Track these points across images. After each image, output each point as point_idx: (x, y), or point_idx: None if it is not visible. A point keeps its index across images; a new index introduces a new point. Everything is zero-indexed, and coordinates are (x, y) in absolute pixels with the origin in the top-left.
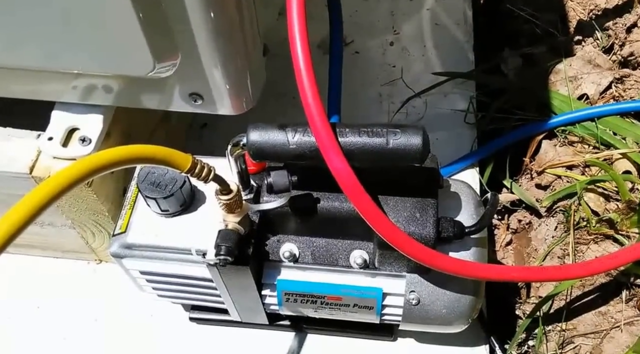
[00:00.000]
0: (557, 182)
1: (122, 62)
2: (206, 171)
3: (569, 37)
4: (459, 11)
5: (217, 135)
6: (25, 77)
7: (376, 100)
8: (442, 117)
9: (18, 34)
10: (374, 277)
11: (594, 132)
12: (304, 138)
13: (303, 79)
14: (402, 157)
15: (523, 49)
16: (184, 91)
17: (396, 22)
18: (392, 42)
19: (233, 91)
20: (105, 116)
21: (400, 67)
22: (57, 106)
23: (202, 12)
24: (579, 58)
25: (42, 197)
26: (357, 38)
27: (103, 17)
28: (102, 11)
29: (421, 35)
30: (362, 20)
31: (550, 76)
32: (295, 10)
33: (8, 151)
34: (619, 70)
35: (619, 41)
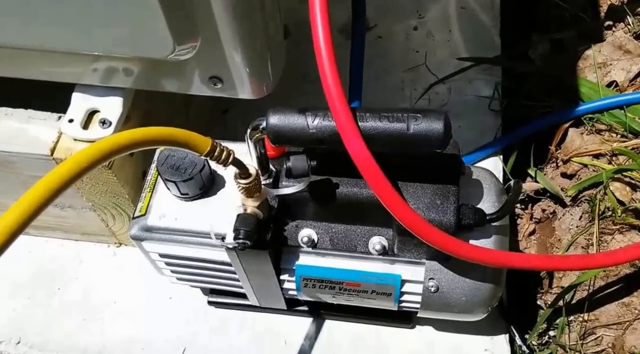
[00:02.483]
0: (583, 171)
1: (142, 43)
2: (225, 154)
3: (599, 22)
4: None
5: (237, 121)
6: (46, 59)
7: (398, 86)
8: (466, 104)
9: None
10: (393, 263)
11: (622, 121)
12: (324, 122)
13: (324, 62)
14: (423, 142)
15: (552, 34)
16: (203, 74)
17: (421, 6)
18: (416, 27)
19: (253, 74)
20: (125, 99)
21: (424, 53)
22: (78, 88)
23: None
24: (609, 44)
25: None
26: (380, 22)
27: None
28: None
29: (447, 19)
30: (387, 3)
31: (578, 62)
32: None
33: (29, 132)
34: None
35: None
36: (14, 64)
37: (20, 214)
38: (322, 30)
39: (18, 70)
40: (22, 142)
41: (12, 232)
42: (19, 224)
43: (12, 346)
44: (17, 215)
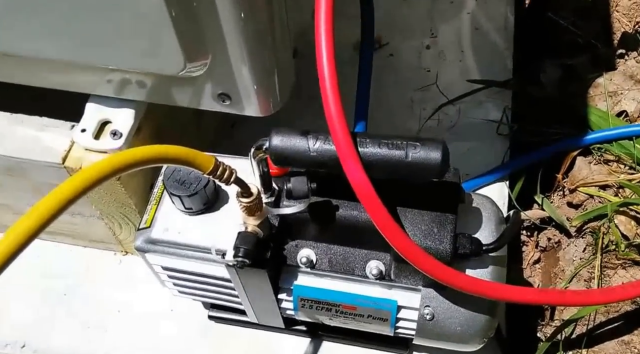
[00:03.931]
0: (589, 201)
1: (154, 60)
2: (228, 173)
3: (612, 50)
4: (500, 16)
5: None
6: (61, 69)
7: (408, 105)
8: (475, 126)
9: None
10: (390, 289)
11: (631, 152)
12: (325, 146)
13: (326, 87)
14: (420, 171)
15: (563, 60)
16: (213, 90)
17: (434, 25)
18: (428, 46)
19: (261, 92)
20: (137, 111)
21: (435, 72)
22: (92, 98)
23: (233, 12)
24: (621, 73)
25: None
26: (392, 40)
27: (136, 16)
28: (136, 10)
29: (459, 39)
30: (400, 21)
31: (589, 90)
32: (322, 17)
33: (43, 140)
34: None
35: None
36: (30, 72)
37: (29, 224)
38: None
39: (34, 78)
40: (36, 150)
41: (23, 241)
42: (29, 234)
43: (17, 349)
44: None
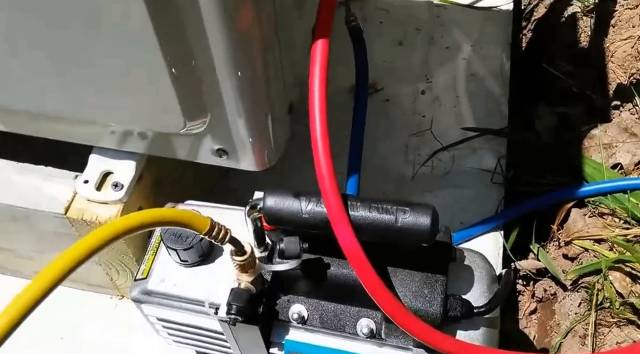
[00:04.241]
0: (584, 255)
1: (155, 119)
2: (222, 233)
3: (607, 101)
4: (496, 62)
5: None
6: (66, 122)
7: (402, 150)
8: (469, 174)
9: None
10: (380, 347)
11: (626, 206)
12: (317, 208)
13: (319, 152)
14: (409, 236)
15: (559, 107)
16: (210, 146)
17: (430, 70)
18: (423, 91)
19: (257, 148)
20: (138, 163)
21: (430, 118)
22: (95, 149)
23: (230, 71)
24: (615, 125)
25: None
26: (388, 85)
27: (137, 77)
28: (137, 72)
29: (454, 85)
30: (396, 66)
31: (584, 141)
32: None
33: (47, 190)
34: None
35: None
36: (36, 124)
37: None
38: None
39: (40, 130)
40: (40, 200)
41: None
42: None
43: None
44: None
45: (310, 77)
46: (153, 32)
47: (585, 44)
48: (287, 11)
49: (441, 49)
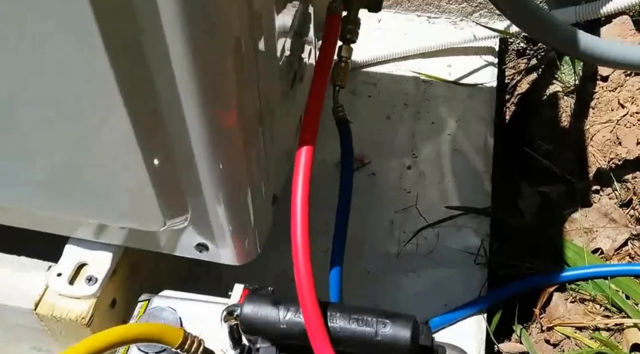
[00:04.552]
0: (566, 341)
1: (134, 218)
2: (196, 345)
3: (587, 184)
4: (480, 138)
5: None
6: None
7: (387, 227)
8: (453, 253)
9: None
10: None
11: (606, 293)
12: (295, 318)
13: (299, 261)
14: (389, 350)
15: (541, 187)
16: (189, 241)
17: (416, 145)
18: (409, 166)
19: (238, 243)
20: (114, 254)
21: (415, 193)
22: (71, 240)
23: (211, 164)
24: (596, 210)
25: None
26: (375, 159)
27: (114, 175)
28: (113, 169)
29: (440, 160)
30: (383, 140)
31: (565, 224)
32: (299, 198)
33: (18, 283)
34: (636, 227)
35: (638, 197)
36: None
37: None
38: (300, 233)
39: (13, 220)
40: (9, 294)
41: None
42: None
43: None
44: None
45: (294, 186)
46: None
47: (566, 123)
48: (274, 102)
49: (427, 124)
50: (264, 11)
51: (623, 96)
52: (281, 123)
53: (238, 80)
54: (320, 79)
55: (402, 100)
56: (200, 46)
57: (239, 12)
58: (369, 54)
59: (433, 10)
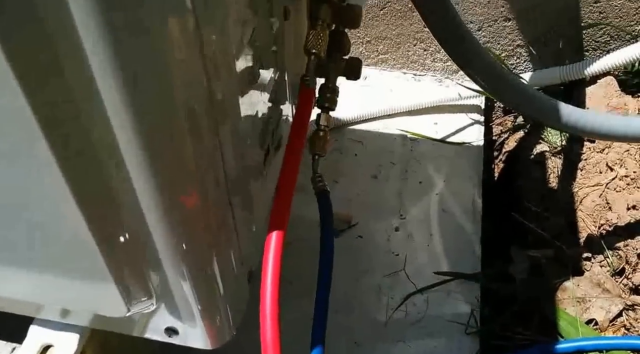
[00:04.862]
0: None
1: (97, 305)
2: None
3: (577, 251)
4: (468, 198)
5: None
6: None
7: (375, 292)
8: (443, 321)
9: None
10: None
11: None
12: None
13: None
14: None
15: (531, 250)
16: (159, 324)
17: (403, 205)
18: (397, 228)
19: (209, 327)
20: (81, 336)
21: (404, 256)
22: (36, 321)
23: (171, 244)
24: (587, 279)
25: None
26: (362, 220)
27: (71, 264)
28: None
29: (428, 221)
30: (369, 200)
31: (557, 292)
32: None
33: None
34: (630, 297)
35: (631, 266)
36: None
37: None
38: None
39: None
40: None
41: None
42: None
43: None
44: None
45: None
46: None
47: (554, 185)
48: (245, 175)
49: (414, 184)
50: (226, 91)
51: (611, 158)
52: (257, 194)
53: (197, 165)
54: (291, 162)
55: (389, 158)
56: (151, 136)
57: (195, 95)
58: (355, 111)
59: (418, 68)
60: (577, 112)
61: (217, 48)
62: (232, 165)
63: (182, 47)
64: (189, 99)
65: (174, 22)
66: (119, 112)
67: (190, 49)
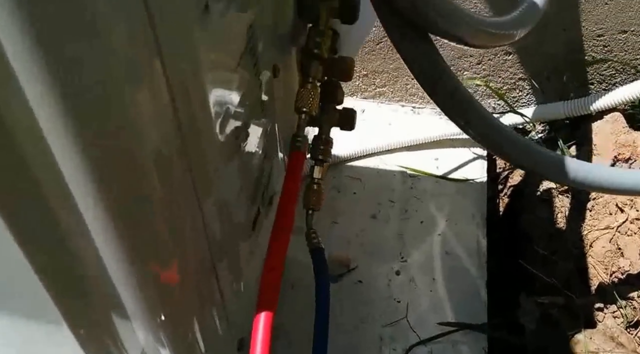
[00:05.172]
0: None
1: None
2: None
3: (588, 300)
4: (472, 238)
5: None
6: None
7: (376, 343)
8: None
9: None
10: None
11: None
12: None
13: None
14: None
15: (540, 298)
16: None
17: (404, 247)
18: (398, 272)
19: None
20: None
21: (405, 303)
22: None
23: (148, 322)
24: (600, 332)
25: None
26: (362, 263)
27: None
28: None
29: (430, 264)
30: (369, 241)
31: (570, 344)
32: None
33: None
34: None
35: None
36: None
37: None
38: None
39: None
40: None
41: None
42: None
43: None
44: None
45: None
46: None
47: (562, 225)
48: (232, 241)
49: (416, 224)
50: (208, 157)
51: (621, 199)
52: (246, 253)
53: (174, 235)
54: (279, 236)
55: (389, 196)
56: (123, 216)
57: (168, 166)
58: (353, 147)
59: (417, 101)
60: (584, 167)
61: (195, 118)
62: (217, 229)
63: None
64: (161, 168)
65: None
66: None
67: (164, 123)
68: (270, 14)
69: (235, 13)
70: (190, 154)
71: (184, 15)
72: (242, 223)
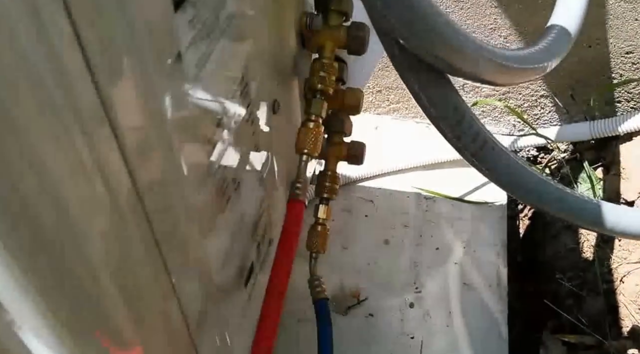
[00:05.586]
0: None
1: None
2: None
3: (620, 345)
4: (492, 268)
5: None
6: None
7: None
8: None
9: None
10: None
11: None
12: None
13: None
14: None
15: (566, 337)
16: None
17: (418, 277)
18: (412, 304)
19: None
20: None
21: (420, 339)
22: None
23: None
24: None
25: None
26: (372, 295)
27: None
28: None
29: (447, 296)
30: (381, 270)
31: None
32: None
33: None
34: None
35: None
36: None
37: None
38: None
39: None
40: None
41: None
42: None
43: None
44: None
45: None
46: None
47: (589, 255)
48: (218, 309)
49: (431, 250)
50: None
51: None
52: (235, 322)
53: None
54: (274, 294)
55: (402, 220)
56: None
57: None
58: (366, 166)
59: None
60: (627, 214)
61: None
62: (195, 306)
63: None
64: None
65: None
66: None
67: None
68: (269, 46)
69: (221, 60)
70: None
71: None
72: (229, 283)
